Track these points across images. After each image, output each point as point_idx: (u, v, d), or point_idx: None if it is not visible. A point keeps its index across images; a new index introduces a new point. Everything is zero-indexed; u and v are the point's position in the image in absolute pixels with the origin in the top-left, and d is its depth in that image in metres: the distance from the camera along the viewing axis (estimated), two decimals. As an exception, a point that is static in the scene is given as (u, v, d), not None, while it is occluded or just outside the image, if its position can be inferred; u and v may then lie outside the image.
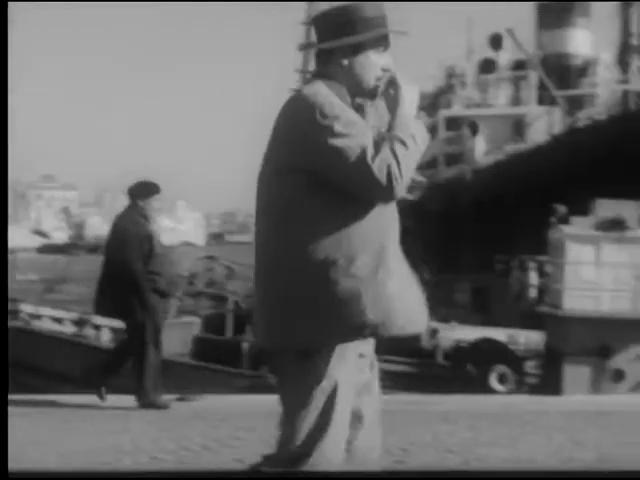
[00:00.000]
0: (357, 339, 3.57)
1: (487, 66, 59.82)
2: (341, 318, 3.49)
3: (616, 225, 19.17)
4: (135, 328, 9.34)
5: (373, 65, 3.67)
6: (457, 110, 58.08)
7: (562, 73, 52.78)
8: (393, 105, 3.64)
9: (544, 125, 50.78)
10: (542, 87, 51.29)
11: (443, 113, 58.63)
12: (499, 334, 23.89)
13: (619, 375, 18.94)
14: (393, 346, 25.09)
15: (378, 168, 3.44)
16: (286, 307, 3.53)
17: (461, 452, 7.03)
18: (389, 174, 3.45)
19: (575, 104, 48.72)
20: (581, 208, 20.91)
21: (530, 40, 56.05)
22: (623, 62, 48.20)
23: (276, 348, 3.64)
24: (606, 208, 19.47)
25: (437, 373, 23.28)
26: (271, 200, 3.60)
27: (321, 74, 3.70)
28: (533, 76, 53.71)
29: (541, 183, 34.86)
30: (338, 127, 3.47)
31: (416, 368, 23.94)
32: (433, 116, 62.52)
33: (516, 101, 56.55)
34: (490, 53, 60.52)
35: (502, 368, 22.26)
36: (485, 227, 39.21)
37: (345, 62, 3.67)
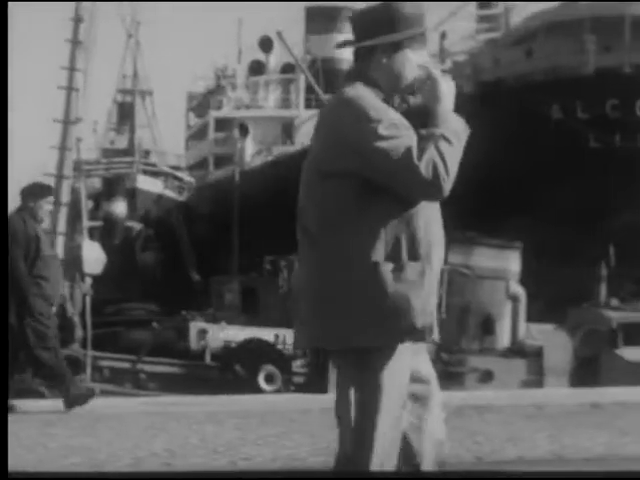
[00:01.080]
0: (405, 342, 3.59)
1: (257, 68, 60.29)
2: (392, 321, 3.53)
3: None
4: (11, 330, 9.07)
5: (411, 62, 3.69)
6: (227, 111, 58.26)
7: (330, 77, 53.76)
8: (432, 101, 3.65)
9: (312, 128, 51.57)
10: (311, 90, 52.10)
11: (213, 114, 58.71)
12: (267, 334, 24.09)
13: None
14: (161, 347, 24.95)
15: (425, 167, 3.45)
16: (340, 307, 3.54)
17: (227, 452, 7.06)
18: (436, 172, 3.46)
19: (342, 108, 49.69)
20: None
21: (300, 43, 56.84)
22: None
23: (330, 347, 3.65)
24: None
25: (205, 374, 23.25)
26: (319, 203, 3.61)
27: (360, 73, 3.72)
28: (302, 79, 54.50)
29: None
30: (382, 130, 3.48)
31: (184, 369, 23.85)
32: (203, 117, 62.52)
33: (285, 104, 57.25)
34: (260, 55, 61.03)
35: (270, 368, 22.46)
36: (254, 228, 39.49)
37: (385, 60, 3.68)
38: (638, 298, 26.47)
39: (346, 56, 58.50)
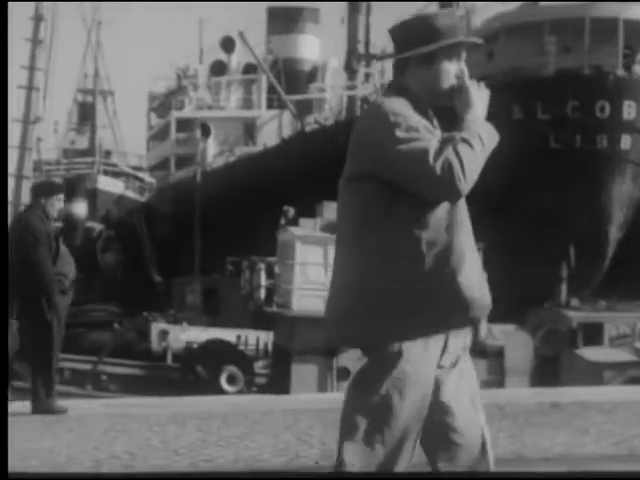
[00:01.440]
0: (427, 334, 3.69)
1: (219, 68, 60.16)
2: (412, 315, 3.64)
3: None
4: (42, 328, 9.06)
5: (447, 72, 3.80)
6: (189, 111, 58.06)
7: (291, 78, 53.75)
8: (463, 109, 3.76)
9: (274, 128, 51.57)
10: (272, 91, 52.06)
11: (175, 114, 58.49)
12: (229, 335, 24.05)
13: (345, 373, 19.49)
14: (122, 348, 24.85)
15: (440, 168, 3.53)
16: (366, 306, 3.64)
17: (189, 454, 7.04)
18: (452, 173, 3.53)
19: (304, 108, 49.75)
20: (309, 210, 21.39)
21: (262, 44, 56.76)
22: (350, 68, 49.56)
23: (357, 345, 3.77)
24: (332, 210, 20.00)
25: (167, 375, 23.18)
26: (344, 205, 3.78)
27: (396, 84, 3.83)
28: (264, 80, 54.43)
29: (271, 186, 35.39)
30: (399, 133, 3.60)
31: (146, 371, 23.76)
32: (164, 117, 62.29)
33: (247, 104, 57.15)
34: (222, 55, 60.88)
35: (232, 369, 22.41)
36: (216, 229, 39.41)
37: (418, 71, 3.79)
38: (598, 298, 26.67)
39: (307, 57, 58.60)
